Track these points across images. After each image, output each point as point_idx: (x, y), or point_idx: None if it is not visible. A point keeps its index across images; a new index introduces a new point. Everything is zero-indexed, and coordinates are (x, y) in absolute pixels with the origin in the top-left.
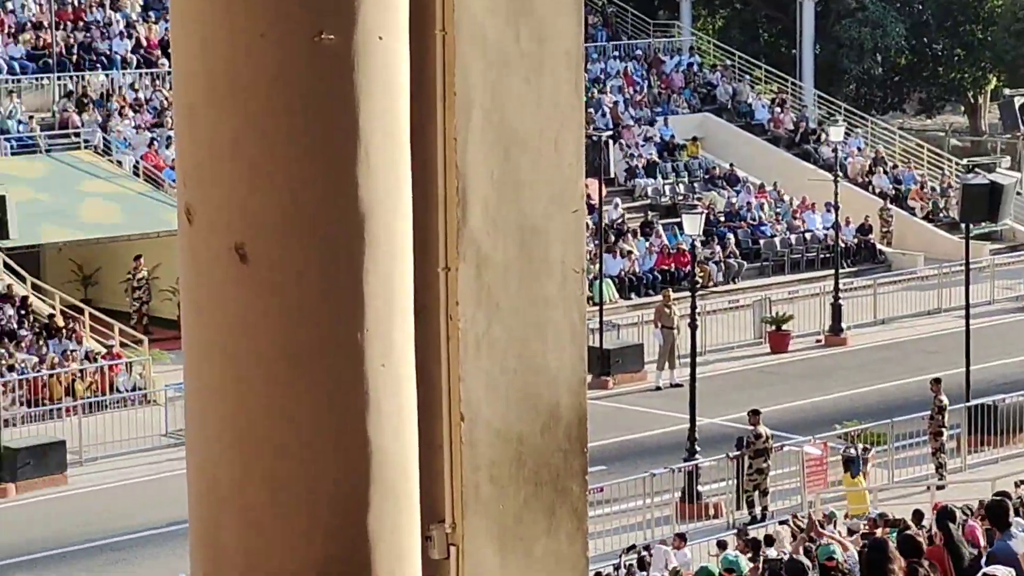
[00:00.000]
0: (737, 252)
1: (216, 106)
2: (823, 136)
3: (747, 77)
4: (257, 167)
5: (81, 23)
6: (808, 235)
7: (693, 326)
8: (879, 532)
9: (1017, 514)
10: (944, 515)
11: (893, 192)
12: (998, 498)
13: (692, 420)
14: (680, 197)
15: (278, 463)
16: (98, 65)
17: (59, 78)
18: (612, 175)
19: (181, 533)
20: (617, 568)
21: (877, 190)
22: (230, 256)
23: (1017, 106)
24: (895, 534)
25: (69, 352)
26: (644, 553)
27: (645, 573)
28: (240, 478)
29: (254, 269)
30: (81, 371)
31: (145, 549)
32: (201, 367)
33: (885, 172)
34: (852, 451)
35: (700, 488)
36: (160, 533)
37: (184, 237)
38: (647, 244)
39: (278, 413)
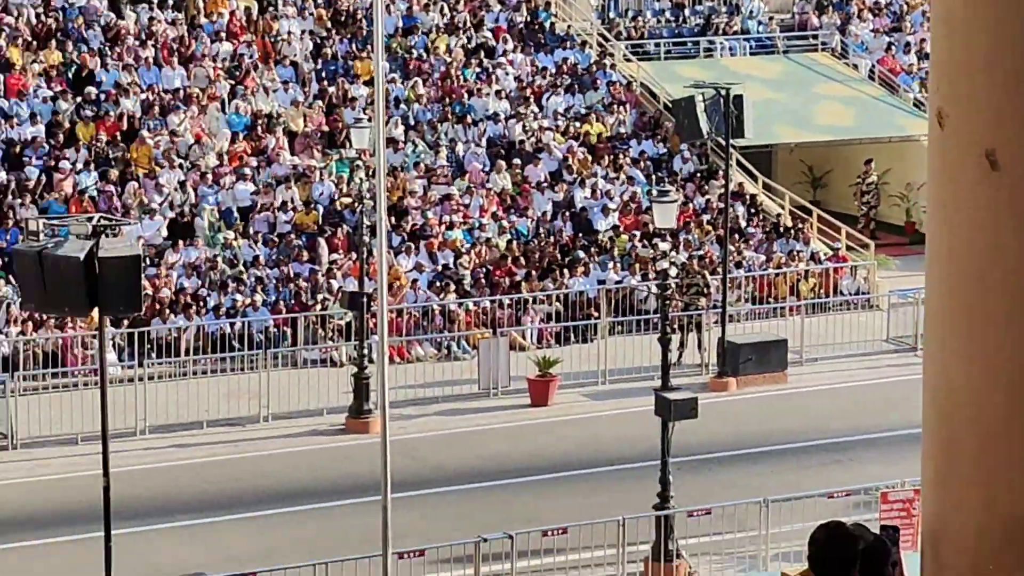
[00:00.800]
0: None
1: (972, 13)
2: None
3: None
4: (1013, 76)
5: None
6: None
7: None
8: None
9: None
10: None
11: None
12: None
13: None
14: None
15: (1017, 370)
16: None
17: None
18: None
19: (901, 439)
20: None
21: None
22: (980, 162)
23: None
24: None
25: (795, 252)
26: None
27: None
28: (977, 385)
29: (1004, 176)
30: (806, 272)
31: (862, 452)
32: (941, 267)
33: None
34: None
35: None
36: (879, 437)
37: (934, 140)
38: None
39: (1018, 320)
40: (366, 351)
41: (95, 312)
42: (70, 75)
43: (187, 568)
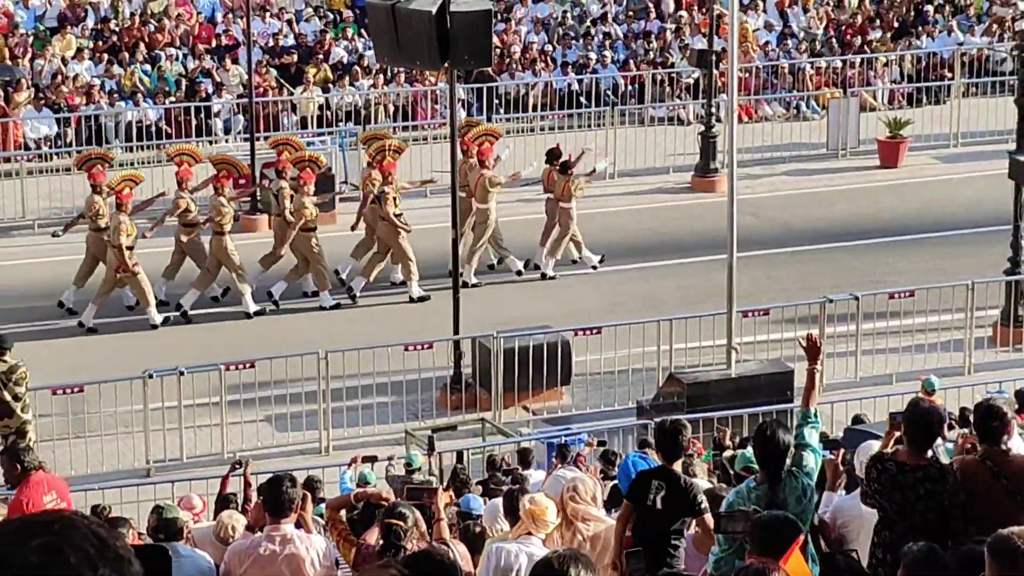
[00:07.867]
0: None
1: None
2: None
3: None
4: None
5: None
6: None
7: None
8: None
9: None
10: None
11: None
12: None
13: None
14: None
15: None
16: None
17: None
18: None
19: None
20: None
21: None
22: None
23: None
24: None
25: None
26: None
27: None
28: None
29: None
30: None
31: None
32: None
33: None
34: None
35: None
36: None
37: None
38: None
39: None
40: (714, 109)
41: (445, 66)
42: None
43: (535, 321)
